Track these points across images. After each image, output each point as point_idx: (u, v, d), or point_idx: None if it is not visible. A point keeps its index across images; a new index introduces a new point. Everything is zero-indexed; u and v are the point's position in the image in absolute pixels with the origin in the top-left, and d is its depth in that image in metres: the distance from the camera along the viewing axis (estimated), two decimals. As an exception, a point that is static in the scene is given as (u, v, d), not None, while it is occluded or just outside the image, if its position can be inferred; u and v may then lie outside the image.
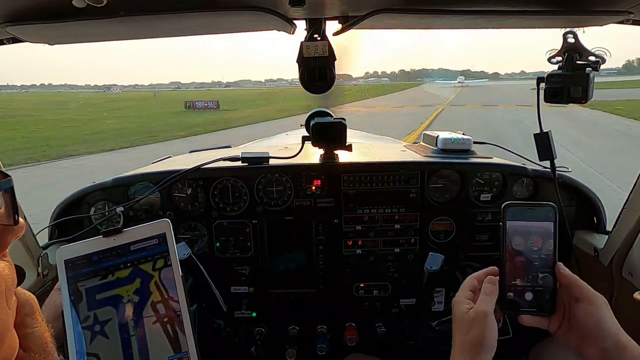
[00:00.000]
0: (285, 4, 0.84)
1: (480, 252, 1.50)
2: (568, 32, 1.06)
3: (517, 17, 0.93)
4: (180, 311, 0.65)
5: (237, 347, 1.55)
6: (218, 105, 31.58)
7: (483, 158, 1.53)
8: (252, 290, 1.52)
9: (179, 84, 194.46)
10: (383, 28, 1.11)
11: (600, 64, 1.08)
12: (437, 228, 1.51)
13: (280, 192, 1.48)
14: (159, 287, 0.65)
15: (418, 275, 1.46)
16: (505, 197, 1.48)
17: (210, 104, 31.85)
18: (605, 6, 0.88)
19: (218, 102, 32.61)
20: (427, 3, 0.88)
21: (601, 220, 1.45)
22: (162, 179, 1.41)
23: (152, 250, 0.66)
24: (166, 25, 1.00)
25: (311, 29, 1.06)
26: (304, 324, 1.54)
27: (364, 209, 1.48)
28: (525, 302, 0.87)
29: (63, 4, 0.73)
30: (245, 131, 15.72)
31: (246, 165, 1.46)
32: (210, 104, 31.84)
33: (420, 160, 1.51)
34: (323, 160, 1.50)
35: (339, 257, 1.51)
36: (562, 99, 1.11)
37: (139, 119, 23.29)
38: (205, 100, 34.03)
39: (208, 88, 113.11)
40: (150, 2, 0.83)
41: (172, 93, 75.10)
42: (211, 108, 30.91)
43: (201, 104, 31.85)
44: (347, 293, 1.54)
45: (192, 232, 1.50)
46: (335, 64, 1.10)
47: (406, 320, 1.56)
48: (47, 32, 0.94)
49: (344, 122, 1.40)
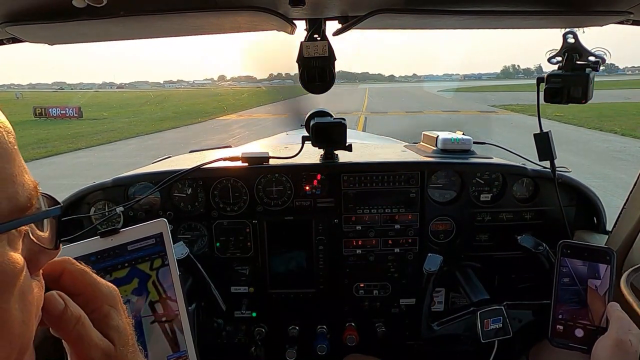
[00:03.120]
0: (285, 4, 0.84)
1: (480, 252, 1.50)
2: (568, 32, 1.06)
3: (517, 17, 0.93)
4: (179, 311, 0.65)
5: (237, 347, 1.55)
6: (80, 113, 24.53)
7: (483, 158, 1.53)
8: (252, 290, 1.52)
9: (63, 84, 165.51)
10: (383, 28, 1.11)
11: (600, 64, 1.08)
12: (437, 228, 1.51)
13: (280, 192, 1.48)
14: (157, 286, 0.65)
15: (418, 275, 1.46)
16: (505, 197, 1.48)
17: (70, 111, 24.58)
18: (605, 6, 0.88)
19: (80, 108, 25.33)
20: (427, 3, 0.88)
21: (601, 220, 1.45)
22: (162, 179, 1.41)
23: (149, 250, 0.66)
24: (166, 25, 1.00)
25: (311, 29, 1.06)
26: (304, 324, 1.54)
27: (363, 209, 1.48)
28: (576, 339, 0.88)
29: (63, 4, 0.73)
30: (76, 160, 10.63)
31: (246, 165, 1.46)
32: (69, 111, 24.58)
33: (420, 160, 1.51)
34: (323, 160, 1.50)
35: (338, 257, 1.51)
36: (561, 99, 1.11)
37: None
38: (63, 106, 25.80)
39: (96, 89, 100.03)
40: (150, 2, 0.83)
41: (52, 94, 64.09)
42: (70, 116, 24.05)
43: (56, 112, 24.42)
44: (347, 293, 1.54)
45: (192, 232, 1.50)
46: (335, 63, 1.11)
47: (406, 320, 1.56)
48: (47, 32, 0.94)
49: (344, 122, 1.40)
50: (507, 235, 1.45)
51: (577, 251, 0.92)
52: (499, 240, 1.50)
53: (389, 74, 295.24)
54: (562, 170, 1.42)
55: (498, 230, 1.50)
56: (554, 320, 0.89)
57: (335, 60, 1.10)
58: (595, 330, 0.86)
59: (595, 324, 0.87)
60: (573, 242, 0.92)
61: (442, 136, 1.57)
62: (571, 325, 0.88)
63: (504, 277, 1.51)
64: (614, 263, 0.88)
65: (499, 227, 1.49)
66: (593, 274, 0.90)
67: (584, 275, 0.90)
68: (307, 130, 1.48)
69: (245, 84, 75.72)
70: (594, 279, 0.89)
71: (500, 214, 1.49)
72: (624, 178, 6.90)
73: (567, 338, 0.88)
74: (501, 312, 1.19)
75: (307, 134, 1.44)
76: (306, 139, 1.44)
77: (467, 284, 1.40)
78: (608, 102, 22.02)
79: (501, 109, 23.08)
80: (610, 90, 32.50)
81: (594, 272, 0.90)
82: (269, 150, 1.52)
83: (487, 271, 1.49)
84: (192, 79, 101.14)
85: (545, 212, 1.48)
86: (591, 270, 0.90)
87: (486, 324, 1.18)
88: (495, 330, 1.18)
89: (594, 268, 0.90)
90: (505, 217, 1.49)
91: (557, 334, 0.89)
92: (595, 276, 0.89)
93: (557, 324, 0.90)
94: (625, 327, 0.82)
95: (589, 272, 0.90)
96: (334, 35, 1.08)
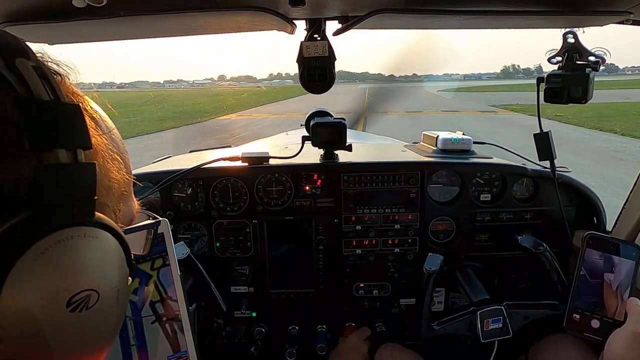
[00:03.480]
0: (285, 4, 0.84)
1: (480, 252, 1.51)
2: (568, 32, 1.06)
3: (517, 17, 0.93)
4: (179, 311, 0.65)
5: (237, 346, 1.55)
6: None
7: (483, 158, 1.53)
8: (252, 290, 1.52)
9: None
10: (383, 28, 1.11)
11: (600, 64, 1.08)
12: (437, 228, 1.51)
13: (280, 192, 1.48)
14: (158, 286, 0.65)
15: (418, 275, 1.46)
16: (505, 197, 1.48)
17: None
18: (605, 6, 0.88)
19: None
20: (427, 3, 0.88)
21: (601, 221, 1.45)
22: (162, 178, 1.41)
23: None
24: (166, 25, 1.00)
25: (311, 29, 1.06)
26: (303, 323, 1.54)
27: (363, 209, 1.48)
28: (591, 329, 0.89)
29: (63, 4, 0.73)
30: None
31: (246, 165, 1.46)
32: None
33: (420, 160, 1.51)
34: (323, 160, 1.50)
35: (338, 257, 1.51)
36: (562, 99, 1.11)
37: None
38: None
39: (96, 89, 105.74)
40: (150, 2, 0.83)
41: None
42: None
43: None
44: (346, 293, 1.54)
45: (192, 232, 1.50)
46: (335, 63, 1.11)
47: (406, 320, 1.56)
48: (47, 32, 0.94)
49: (344, 122, 1.40)
50: (507, 235, 1.45)
51: (602, 244, 0.92)
52: (499, 240, 1.50)
53: (389, 73, 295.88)
54: (562, 170, 1.43)
55: (498, 230, 1.50)
56: (571, 309, 0.89)
57: (335, 60, 1.09)
58: (612, 323, 0.87)
59: (611, 317, 0.88)
60: (599, 234, 0.92)
61: (442, 136, 1.57)
62: (588, 316, 0.89)
63: (504, 277, 1.51)
64: (638, 259, 0.89)
65: (499, 227, 1.49)
66: (609, 268, 0.90)
67: (600, 269, 0.91)
68: (307, 130, 1.48)
69: (245, 84, 76.17)
70: (609, 273, 0.90)
71: (500, 214, 1.49)
72: (623, 178, 6.90)
73: (582, 328, 0.89)
74: (501, 312, 1.19)
75: (307, 134, 1.44)
76: (306, 139, 1.44)
77: (467, 283, 1.40)
78: (608, 102, 22.03)
79: (501, 109, 23.08)
80: (610, 90, 32.51)
81: (610, 266, 0.90)
82: (269, 150, 1.52)
83: (487, 271, 1.49)
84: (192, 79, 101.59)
85: (545, 212, 1.48)
86: (607, 264, 0.90)
87: (486, 324, 1.19)
88: (495, 330, 1.18)
89: (610, 262, 0.90)
90: (505, 217, 1.49)
91: (572, 324, 0.90)
92: (611, 270, 0.90)
93: (574, 312, 0.90)
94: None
95: (605, 266, 0.90)
96: (334, 35, 1.08)
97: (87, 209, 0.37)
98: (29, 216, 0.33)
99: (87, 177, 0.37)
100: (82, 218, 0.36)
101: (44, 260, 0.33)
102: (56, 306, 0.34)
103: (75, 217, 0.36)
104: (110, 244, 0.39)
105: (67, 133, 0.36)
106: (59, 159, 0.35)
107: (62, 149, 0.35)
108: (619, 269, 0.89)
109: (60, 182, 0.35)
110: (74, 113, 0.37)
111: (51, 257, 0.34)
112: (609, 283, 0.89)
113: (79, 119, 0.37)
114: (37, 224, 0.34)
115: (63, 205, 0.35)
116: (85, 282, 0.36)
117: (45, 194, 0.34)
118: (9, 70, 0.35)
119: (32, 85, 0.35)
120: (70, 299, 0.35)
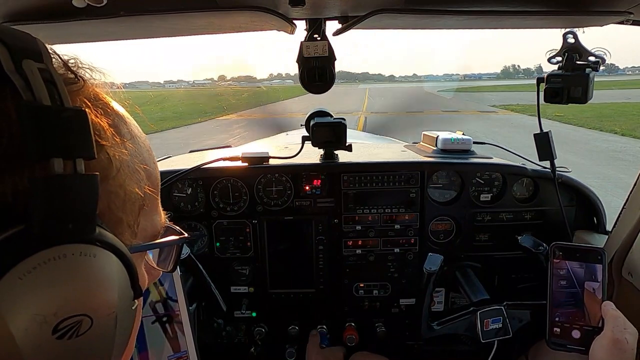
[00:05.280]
0: (285, 4, 0.84)
1: (480, 252, 1.51)
2: (568, 32, 1.06)
3: (517, 17, 0.93)
4: (179, 311, 0.65)
5: (237, 346, 1.55)
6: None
7: (483, 158, 1.53)
8: (252, 290, 1.52)
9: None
10: (383, 28, 1.11)
11: (600, 64, 1.08)
12: (437, 228, 1.51)
13: (280, 192, 1.48)
14: (158, 287, 0.65)
15: (418, 275, 1.46)
16: (505, 197, 1.48)
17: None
18: (605, 6, 0.88)
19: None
20: (427, 3, 0.88)
21: (601, 221, 1.45)
22: (162, 179, 1.40)
23: None
24: (166, 25, 1.00)
25: (311, 29, 1.06)
26: (303, 323, 1.54)
27: (363, 209, 1.48)
28: (573, 340, 0.88)
29: (63, 4, 0.73)
30: None
31: (246, 165, 1.46)
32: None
33: (420, 160, 1.51)
34: (323, 160, 1.50)
35: (338, 257, 1.51)
36: (562, 99, 1.11)
37: None
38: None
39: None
40: (150, 2, 0.83)
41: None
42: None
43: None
44: (346, 293, 1.54)
45: (192, 232, 1.50)
46: (335, 63, 1.11)
47: (406, 320, 1.56)
48: (47, 32, 0.94)
49: (344, 122, 1.40)
50: (507, 235, 1.45)
51: (568, 252, 0.92)
52: (499, 240, 1.50)
53: (389, 74, 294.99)
54: (562, 170, 1.43)
55: (498, 230, 1.50)
56: (550, 323, 0.89)
57: (335, 60, 1.09)
58: (592, 331, 0.86)
59: (592, 325, 0.87)
60: (564, 244, 0.92)
61: (442, 136, 1.57)
62: (567, 327, 0.88)
63: (504, 277, 1.51)
64: (605, 262, 0.89)
65: (499, 227, 1.49)
66: (590, 276, 0.90)
67: (582, 277, 0.90)
68: (307, 130, 1.48)
69: (245, 84, 76.29)
70: (592, 281, 0.89)
71: (500, 214, 1.49)
72: (624, 178, 6.90)
73: (564, 340, 0.88)
74: (501, 312, 1.19)
75: (307, 134, 1.44)
76: (306, 139, 1.44)
77: (467, 283, 1.40)
78: (608, 102, 22.03)
79: (501, 109, 23.09)
80: (610, 90, 32.50)
81: (591, 274, 0.90)
82: (269, 150, 1.52)
83: (487, 271, 1.49)
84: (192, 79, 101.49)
85: (545, 212, 1.48)
86: (588, 273, 0.90)
87: (486, 324, 1.19)
88: (495, 330, 1.18)
89: (591, 270, 0.90)
90: (505, 217, 1.49)
91: (554, 336, 0.89)
92: (593, 278, 0.89)
93: (554, 326, 0.90)
94: (621, 325, 0.82)
95: (587, 274, 0.90)
96: (334, 35, 1.08)
97: (87, 224, 0.34)
98: (20, 231, 0.31)
99: (88, 190, 0.34)
100: (78, 235, 0.33)
101: (30, 280, 0.30)
102: (41, 332, 0.31)
103: (71, 233, 0.33)
104: (110, 263, 0.35)
105: (65, 141, 0.33)
106: (54, 169, 0.32)
107: (58, 159, 0.32)
108: (598, 277, 0.89)
109: (54, 195, 0.32)
110: (77, 119, 0.34)
111: (38, 276, 0.31)
112: (591, 291, 0.89)
113: (81, 126, 0.34)
114: (25, 240, 0.31)
115: (57, 220, 0.32)
116: (76, 307, 0.33)
117: (37, 207, 0.31)
118: (18, 74, 0.33)
119: (35, 90, 0.32)
120: (57, 324, 0.31)
